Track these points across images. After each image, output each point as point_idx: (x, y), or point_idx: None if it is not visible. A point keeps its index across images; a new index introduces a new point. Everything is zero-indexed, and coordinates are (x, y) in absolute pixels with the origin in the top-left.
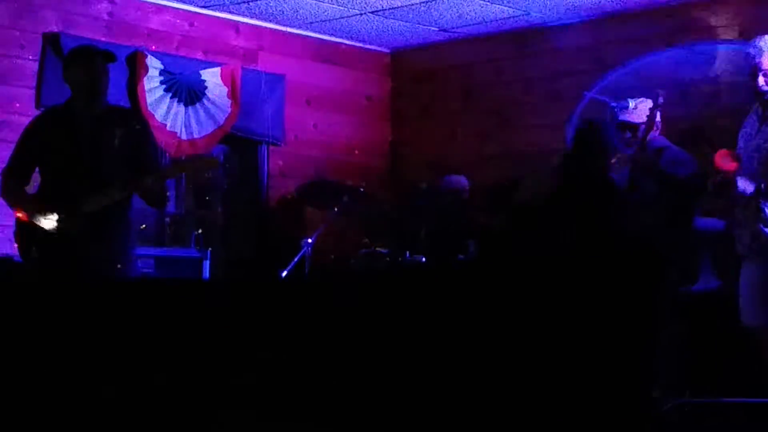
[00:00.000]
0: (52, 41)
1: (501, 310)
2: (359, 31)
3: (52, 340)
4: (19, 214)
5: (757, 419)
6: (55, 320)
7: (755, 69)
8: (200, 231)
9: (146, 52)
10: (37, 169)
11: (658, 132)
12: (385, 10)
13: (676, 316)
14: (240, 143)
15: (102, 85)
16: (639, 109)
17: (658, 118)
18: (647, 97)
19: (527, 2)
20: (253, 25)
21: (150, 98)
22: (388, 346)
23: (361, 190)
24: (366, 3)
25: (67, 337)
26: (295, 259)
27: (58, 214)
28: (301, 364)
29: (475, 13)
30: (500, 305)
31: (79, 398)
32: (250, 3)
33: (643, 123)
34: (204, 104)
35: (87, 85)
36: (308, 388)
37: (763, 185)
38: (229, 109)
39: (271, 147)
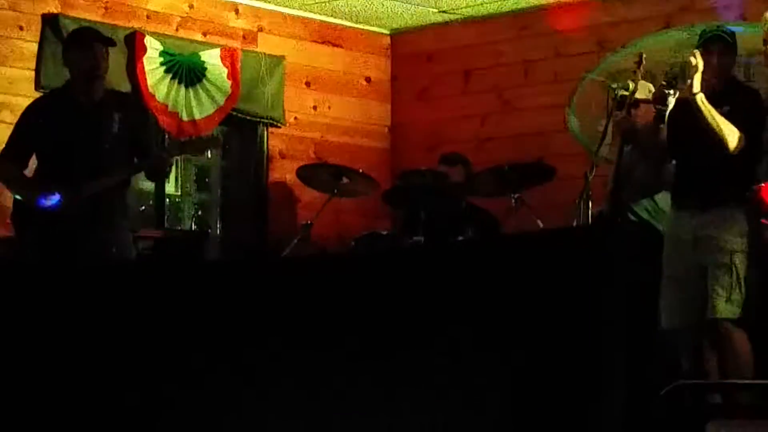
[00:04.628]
0: (51, 22)
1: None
2: (359, 13)
3: (48, 325)
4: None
5: (759, 399)
6: (51, 304)
7: None
8: (199, 212)
9: (145, 34)
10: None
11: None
12: None
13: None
14: (239, 125)
15: (101, 69)
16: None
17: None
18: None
19: None
20: (252, 6)
21: (151, 79)
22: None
23: (361, 171)
24: None
25: (63, 321)
26: (294, 241)
27: (56, 197)
28: (301, 347)
29: None
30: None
31: (77, 382)
32: None
33: (644, 99)
34: (204, 85)
35: (86, 68)
36: (307, 370)
37: None
38: (229, 91)
39: (271, 128)
